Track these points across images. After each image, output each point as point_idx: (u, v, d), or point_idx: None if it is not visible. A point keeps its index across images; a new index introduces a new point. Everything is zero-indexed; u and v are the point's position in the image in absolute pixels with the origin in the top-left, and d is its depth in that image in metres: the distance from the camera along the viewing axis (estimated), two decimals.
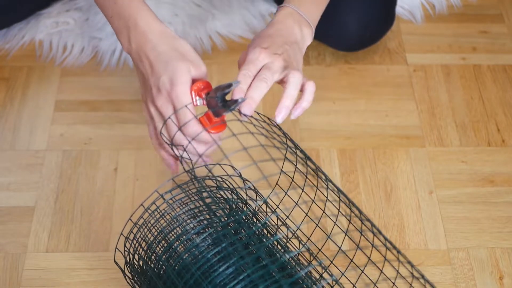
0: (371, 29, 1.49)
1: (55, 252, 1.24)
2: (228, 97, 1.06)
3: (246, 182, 1.11)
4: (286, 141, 1.07)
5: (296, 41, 1.12)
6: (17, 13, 1.54)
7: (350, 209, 1.03)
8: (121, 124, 1.42)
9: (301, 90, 1.09)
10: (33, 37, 1.55)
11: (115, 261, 1.09)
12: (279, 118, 1.06)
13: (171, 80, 1.05)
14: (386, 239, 1.00)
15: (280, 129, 1.08)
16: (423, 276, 0.97)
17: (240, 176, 1.10)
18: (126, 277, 1.09)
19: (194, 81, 1.07)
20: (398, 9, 1.62)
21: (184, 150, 1.07)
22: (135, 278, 1.09)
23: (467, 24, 1.63)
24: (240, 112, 1.04)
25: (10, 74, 1.50)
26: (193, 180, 1.03)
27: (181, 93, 1.05)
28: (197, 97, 1.06)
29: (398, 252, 0.99)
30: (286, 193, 1.14)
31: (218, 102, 1.05)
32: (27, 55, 1.54)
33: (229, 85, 1.04)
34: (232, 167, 1.11)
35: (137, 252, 1.07)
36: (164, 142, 1.10)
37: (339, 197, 1.05)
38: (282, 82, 1.08)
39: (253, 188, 1.12)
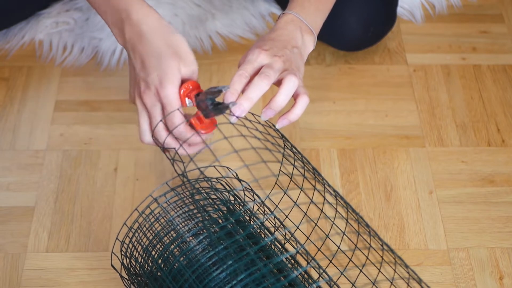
0: (373, 29, 1.49)
1: (55, 252, 1.24)
2: (220, 99, 1.05)
3: (242, 182, 1.11)
4: (284, 142, 1.07)
5: (297, 46, 1.11)
6: (17, 13, 1.54)
7: (347, 210, 1.03)
8: (121, 124, 1.42)
9: (294, 98, 1.08)
10: (33, 37, 1.56)
11: (112, 265, 1.10)
12: (263, 117, 1.06)
13: (161, 78, 1.04)
14: (383, 241, 1.00)
15: (277, 130, 1.08)
16: (420, 279, 0.97)
17: (237, 177, 1.10)
18: (124, 279, 1.09)
19: (183, 81, 1.06)
20: (398, 9, 1.62)
21: (176, 152, 1.06)
22: (133, 281, 1.09)
23: (467, 24, 1.63)
24: (230, 113, 1.04)
25: (10, 74, 1.51)
26: (185, 182, 1.03)
27: (170, 93, 1.04)
28: (186, 98, 1.06)
29: (395, 254, 0.99)
30: (285, 193, 1.14)
31: (209, 104, 1.04)
32: (27, 55, 1.54)
33: (219, 91, 1.03)
34: (228, 168, 1.11)
35: (133, 256, 1.07)
36: (156, 143, 1.10)
37: (336, 199, 1.05)
38: (277, 83, 1.08)
39: (249, 189, 1.12)
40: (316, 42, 1.15)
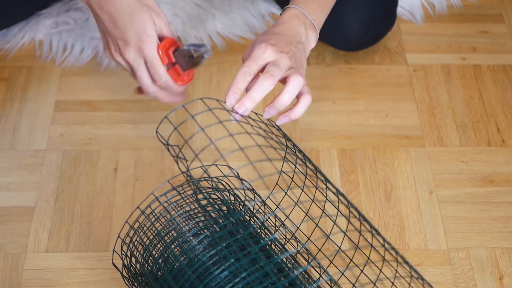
0: (373, 29, 1.49)
1: (55, 252, 1.24)
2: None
3: (243, 182, 1.11)
4: (286, 141, 1.07)
5: (301, 42, 1.11)
6: (17, 13, 1.54)
7: (349, 209, 1.03)
8: (121, 124, 1.42)
9: (297, 97, 1.08)
10: (33, 37, 1.55)
11: (113, 263, 1.09)
12: (265, 115, 1.06)
13: (140, 35, 1.08)
14: (384, 239, 1.00)
15: (279, 129, 1.08)
16: (422, 277, 0.97)
17: (238, 176, 1.10)
18: (125, 278, 1.09)
19: (160, 37, 1.12)
20: (398, 9, 1.62)
21: (180, 150, 1.07)
22: (133, 281, 1.09)
23: (467, 24, 1.63)
24: (233, 111, 1.04)
25: (10, 74, 1.51)
26: (189, 181, 1.03)
27: (152, 48, 1.08)
28: (165, 56, 1.12)
29: (397, 253, 0.99)
30: (286, 193, 1.14)
31: (186, 58, 1.11)
32: (27, 55, 1.54)
33: (200, 45, 1.10)
34: (229, 167, 1.11)
35: (134, 255, 1.07)
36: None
37: (338, 198, 1.05)
38: (282, 80, 1.08)
39: (250, 188, 1.12)
40: (317, 39, 1.15)
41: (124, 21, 1.08)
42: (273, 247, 1.12)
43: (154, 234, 1.06)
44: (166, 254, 1.05)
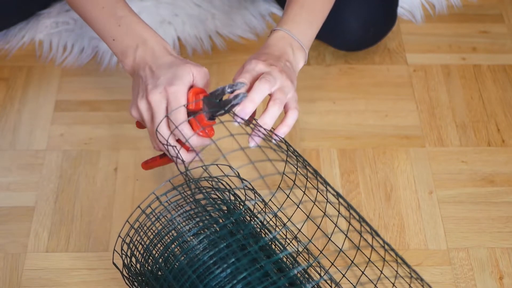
0: (373, 29, 1.49)
1: (55, 252, 1.24)
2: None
3: (244, 181, 1.11)
4: (287, 146, 1.08)
5: (289, 60, 1.14)
6: (17, 13, 1.54)
7: (349, 211, 1.03)
8: (121, 124, 1.42)
9: (285, 111, 1.11)
10: (33, 37, 1.55)
11: (113, 263, 1.10)
12: (251, 145, 1.08)
13: (171, 79, 1.07)
14: (384, 241, 1.00)
15: (277, 135, 1.08)
16: (421, 278, 0.97)
17: (238, 175, 1.10)
18: (125, 278, 1.09)
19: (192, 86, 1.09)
20: (398, 9, 1.62)
21: (178, 152, 1.07)
22: (133, 280, 1.09)
23: (467, 24, 1.63)
24: (234, 115, 1.05)
25: (10, 74, 1.51)
26: (188, 181, 1.03)
27: (178, 90, 1.06)
28: (193, 99, 1.08)
29: (396, 254, 0.99)
30: (288, 196, 1.14)
31: (215, 102, 1.06)
32: (27, 55, 1.54)
33: (232, 85, 1.05)
34: (230, 166, 1.11)
35: (134, 255, 1.07)
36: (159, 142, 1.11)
37: (338, 199, 1.05)
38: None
39: (251, 188, 1.12)
40: (307, 58, 1.18)
41: (162, 71, 1.09)
42: (274, 247, 1.12)
43: (154, 233, 1.06)
44: (166, 254, 1.05)
